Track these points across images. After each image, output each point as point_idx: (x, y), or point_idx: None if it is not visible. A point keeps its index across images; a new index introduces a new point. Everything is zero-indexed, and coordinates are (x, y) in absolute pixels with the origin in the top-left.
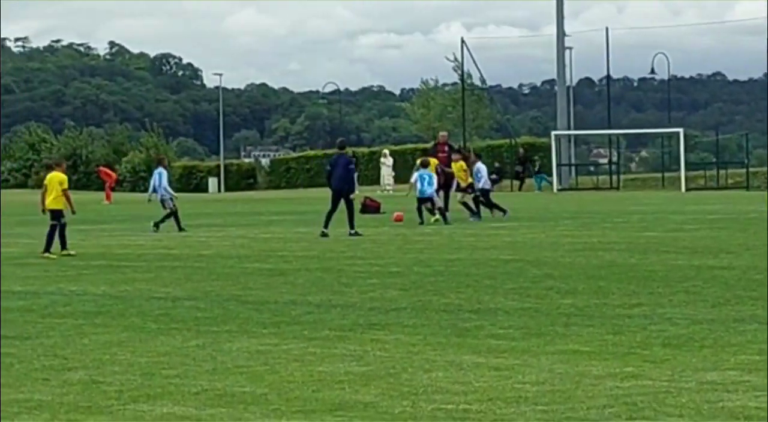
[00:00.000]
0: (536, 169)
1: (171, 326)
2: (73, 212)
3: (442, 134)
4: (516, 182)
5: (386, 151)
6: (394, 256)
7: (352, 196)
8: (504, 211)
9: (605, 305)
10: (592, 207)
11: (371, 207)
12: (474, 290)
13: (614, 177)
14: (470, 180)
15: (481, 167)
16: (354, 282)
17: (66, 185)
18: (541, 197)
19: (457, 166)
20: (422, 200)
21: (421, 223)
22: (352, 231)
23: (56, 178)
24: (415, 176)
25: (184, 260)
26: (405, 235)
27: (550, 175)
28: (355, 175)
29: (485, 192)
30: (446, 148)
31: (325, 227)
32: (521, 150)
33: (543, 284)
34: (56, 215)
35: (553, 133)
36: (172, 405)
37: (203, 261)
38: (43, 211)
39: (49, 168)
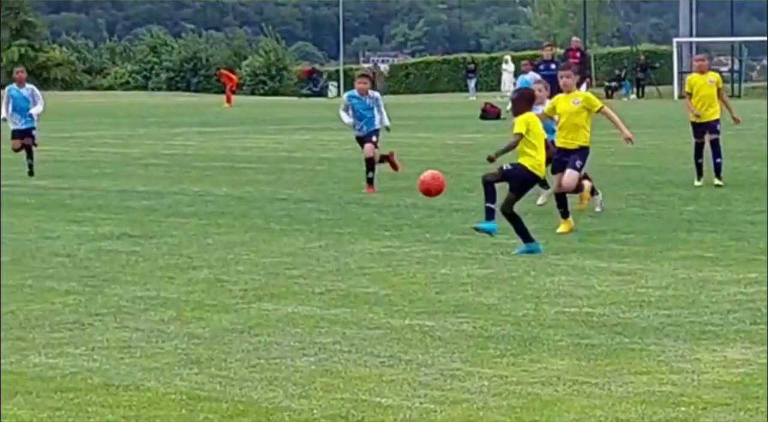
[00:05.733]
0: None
1: (294, 227)
2: None
3: (575, 39)
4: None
5: (507, 57)
6: None
7: None
8: None
9: (728, 212)
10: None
11: (491, 113)
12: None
13: (735, 85)
14: None
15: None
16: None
17: None
18: (660, 103)
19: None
20: None
21: None
22: None
23: None
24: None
25: (305, 162)
26: None
27: (670, 83)
28: None
29: None
30: (578, 54)
31: None
32: (642, 57)
33: (664, 190)
34: None
35: (675, 40)
36: (296, 305)
37: (324, 164)
38: None
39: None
